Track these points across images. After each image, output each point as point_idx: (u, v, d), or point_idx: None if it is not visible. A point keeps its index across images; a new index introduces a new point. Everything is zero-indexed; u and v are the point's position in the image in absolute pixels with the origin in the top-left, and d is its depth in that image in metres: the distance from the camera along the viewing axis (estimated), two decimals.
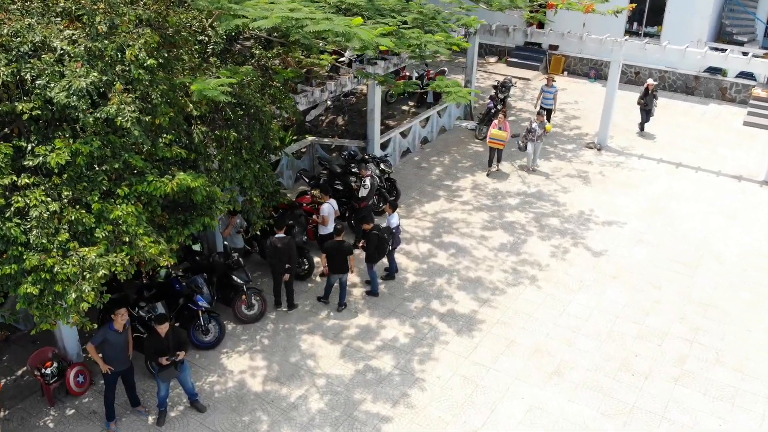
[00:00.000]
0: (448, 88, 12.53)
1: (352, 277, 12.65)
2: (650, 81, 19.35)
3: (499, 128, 16.42)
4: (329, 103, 22.47)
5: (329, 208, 12.64)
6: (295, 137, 17.63)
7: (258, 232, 12.87)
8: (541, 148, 17.45)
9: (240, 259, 11.41)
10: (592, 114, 21.03)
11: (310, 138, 16.88)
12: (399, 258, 13.35)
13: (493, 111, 19.21)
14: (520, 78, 24.02)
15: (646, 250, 13.87)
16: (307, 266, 12.65)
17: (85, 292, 7.41)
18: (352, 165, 14.85)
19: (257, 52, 12.50)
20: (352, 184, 14.01)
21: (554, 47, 25.08)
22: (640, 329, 11.58)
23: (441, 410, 9.78)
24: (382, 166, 14.97)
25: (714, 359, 10.84)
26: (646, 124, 20.04)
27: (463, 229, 14.54)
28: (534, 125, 16.80)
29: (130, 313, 10.38)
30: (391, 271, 12.73)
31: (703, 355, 10.94)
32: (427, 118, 18.91)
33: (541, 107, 18.92)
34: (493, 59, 25.95)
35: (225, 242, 11.42)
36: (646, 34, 23.53)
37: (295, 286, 12.27)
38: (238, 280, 11.32)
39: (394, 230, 12.24)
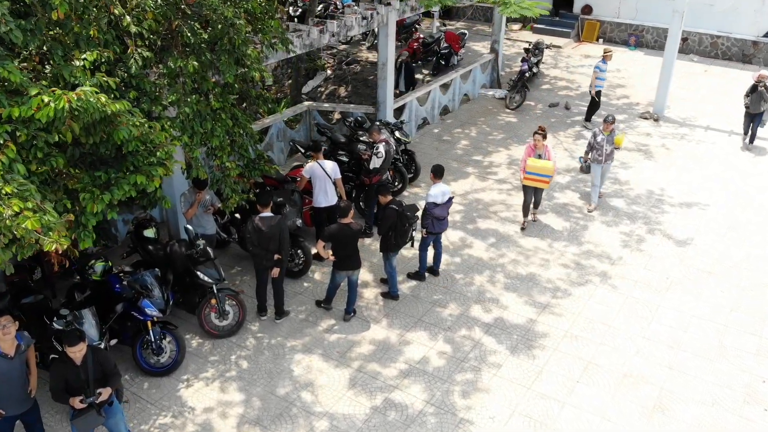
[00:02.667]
0: None
1: (364, 274, 9.39)
2: (764, 72, 13.50)
3: (539, 155, 10.46)
4: (329, 72, 19.23)
5: (313, 168, 9.48)
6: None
7: (237, 214, 9.64)
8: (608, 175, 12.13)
9: (207, 248, 8.15)
10: (638, 83, 17.88)
11: (306, 103, 13.62)
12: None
13: (528, 75, 15.97)
14: (549, 46, 20.81)
15: (742, 238, 10.63)
16: (302, 260, 9.39)
17: None
18: (360, 133, 11.60)
19: None
20: (361, 153, 10.75)
21: (587, 10, 21.85)
22: (760, 343, 8.35)
23: None
24: (397, 134, 11.72)
25: None
26: (757, 131, 13.96)
27: (503, 213, 11.28)
28: (600, 138, 11.18)
29: (44, 326, 7.15)
30: (421, 269, 9.48)
31: None
32: (447, 84, 15.65)
33: (593, 95, 14.62)
34: (516, 26, 22.69)
35: (187, 226, 8.22)
36: None
37: (287, 286, 9.04)
38: (205, 278, 8.06)
39: (434, 210, 8.96)
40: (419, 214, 8.97)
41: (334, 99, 17.54)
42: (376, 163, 10.13)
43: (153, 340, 7.64)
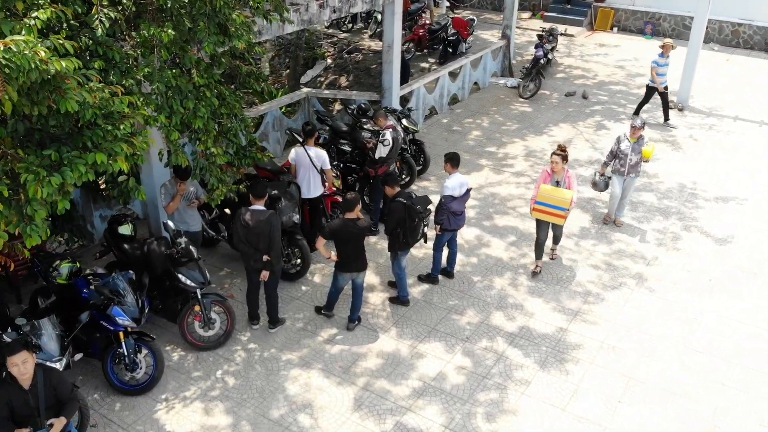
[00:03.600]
0: None
1: (370, 276, 8.32)
2: None
3: (557, 182, 8.24)
4: (329, 61, 18.16)
5: (297, 153, 8.64)
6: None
7: (227, 209, 8.58)
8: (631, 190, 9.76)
9: (190, 247, 7.07)
10: None
11: (304, 90, 12.54)
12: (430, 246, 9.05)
13: (543, 62, 14.89)
14: (564, 32, 19.75)
15: None
16: (300, 260, 8.31)
17: None
18: (363, 121, 10.52)
19: None
20: (365, 141, 9.67)
21: None
22: None
23: None
24: (404, 122, 10.63)
25: None
26: None
27: (523, 209, 10.21)
28: (624, 144, 9.24)
29: None
30: (434, 271, 8.41)
31: None
32: (455, 73, 14.57)
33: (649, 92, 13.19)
34: (526, 15, 21.61)
35: (167, 221, 7.14)
36: None
37: (283, 290, 7.98)
38: (188, 282, 6.98)
39: (451, 204, 7.89)
40: (432, 207, 7.89)
41: (334, 89, 16.46)
42: (382, 151, 9.05)
43: (126, 353, 6.57)
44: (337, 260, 7.19)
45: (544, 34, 16.05)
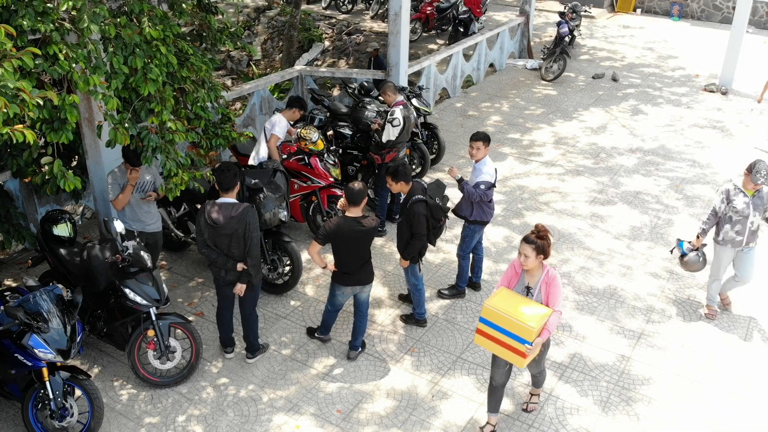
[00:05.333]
0: None
1: (376, 288, 6.61)
2: None
3: (527, 288, 4.71)
4: (327, 43, 16.48)
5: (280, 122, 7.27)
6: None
7: (198, 204, 6.89)
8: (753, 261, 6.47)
9: (142, 253, 5.37)
10: (691, 54, 15.14)
11: (298, 67, 10.83)
12: (453, 250, 7.37)
13: (567, 40, 13.19)
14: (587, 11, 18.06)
15: None
16: (288, 269, 6.61)
17: None
18: (367, 101, 8.81)
19: None
20: (369, 121, 7.97)
21: None
22: None
23: None
24: (414, 102, 8.93)
25: None
26: None
27: (557, 204, 8.52)
28: (740, 201, 6.01)
29: None
30: (462, 282, 6.67)
31: None
32: (468, 54, 12.87)
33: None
34: None
35: (111, 219, 5.45)
36: None
37: (267, 306, 6.31)
38: (137, 299, 5.28)
39: (488, 192, 6.19)
40: (448, 196, 6.19)
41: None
42: (391, 133, 7.35)
43: (51, 396, 4.88)
44: (335, 270, 5.49)
45: (566, 10, 14.35)
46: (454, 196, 6.85)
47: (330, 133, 8.11)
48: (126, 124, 5.08)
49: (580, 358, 5.88)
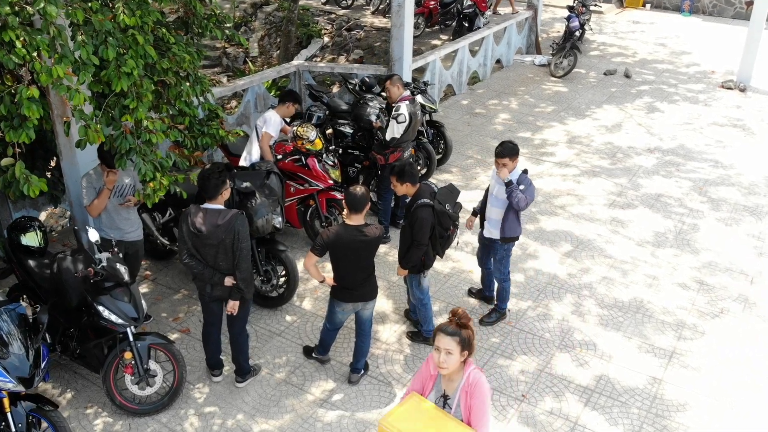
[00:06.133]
0: None
1: (380, 301, 6.01)
2: None
3: (443, 397, 3.30)
4: (326, 39, 15.89)
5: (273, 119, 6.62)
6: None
7: (185, 209, 6.28)
8: None
9: (118, 265, 4.77)
10: (705, 50, 14.54)
11: (295, 62, 10.24)
12: (463, 258, 6.79)
13: (578, 34, 12.61)
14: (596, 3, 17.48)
15: None
16: (283, 280, 6.01)
17: None
18: (368, 97, 8.21)
19: None
20: (371, 118, 7.37)
21: None
22: None
23: None
24: (419, 99, 8.33)
25: None
26: None
27: (574, 208, 7.93)
28: None
29: None
30: (503, 302, 5.95)
31: None
32: (474, 50, 12.28)
33: None
34: None
35: (79, 229, 4.86)
36: None
37: (259, 321, 5.73)
38: (112, 317, 4.68)
39: (522, 199, 5.45)
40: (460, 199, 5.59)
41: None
42: (395, 130, 6.77)
43: (14, 429, 4.28)
44: (334, 285, 4.90)
45: (576, 4, 13.75)
46: (466, 200, 6.26)
47: (329, 131, 7.52)
48: (98, 122, 4.50)
49: (607, 380, 5.29)
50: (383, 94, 7.58)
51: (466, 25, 14.41)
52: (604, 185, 8.45)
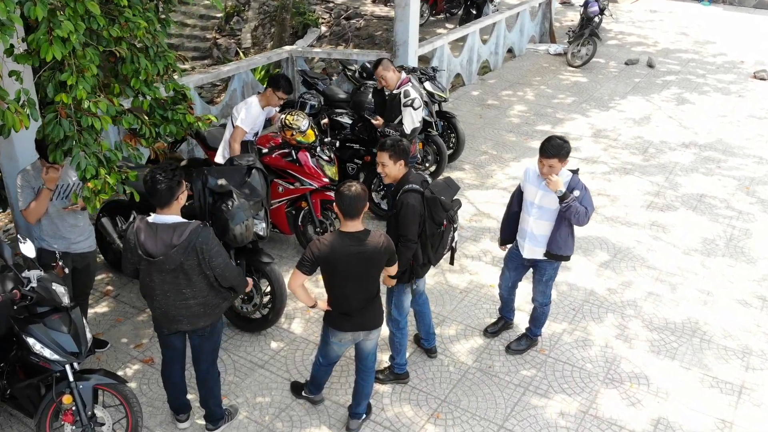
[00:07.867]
0: None
1: (386, 328, 4.98)
2: None
3: None
4: (324, 29, 14.88)
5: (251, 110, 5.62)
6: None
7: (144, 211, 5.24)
8: None
9: (54, 286, 3.76)
10: (730, 39, 13.59)
11: (287, 48, 9.23)
12: (482, 270, 5.78)
13: (597, 20, 11.61)
14: None
15: None
16: (268, 299, 4.99)
17: None
18: (369, 84, 7.21)
19: None
20: (372, 106, 6.35)
21: None
22: None
23: None
24: (427, 86, 7.31)
25: None
26: None
27: (608, 210, 6.91)
28: None
29: None
30: (538, 328, 4.92)
31: None
32: (484, 39, 11.27)
33: None
34: None
35: (27, 237, 3.90)
36: None
37: (238, 349, 4.72)
38: (46, 352, 3.67)
39: (583, 211, 4.25)
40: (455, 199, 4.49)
41: (329, 58, 13.17)
42: (415, 118, 5.82)
43: None
44: (328, 310, 3.88)
45: None
46: (481, 201, 5.24)
47: (324, 121, 6.51)
48: (25, 104, 3.50)
49: (666, 425, 4.27)
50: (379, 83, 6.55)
51: (474, 12, 13.43)
52: (638, 184, 7.44)
